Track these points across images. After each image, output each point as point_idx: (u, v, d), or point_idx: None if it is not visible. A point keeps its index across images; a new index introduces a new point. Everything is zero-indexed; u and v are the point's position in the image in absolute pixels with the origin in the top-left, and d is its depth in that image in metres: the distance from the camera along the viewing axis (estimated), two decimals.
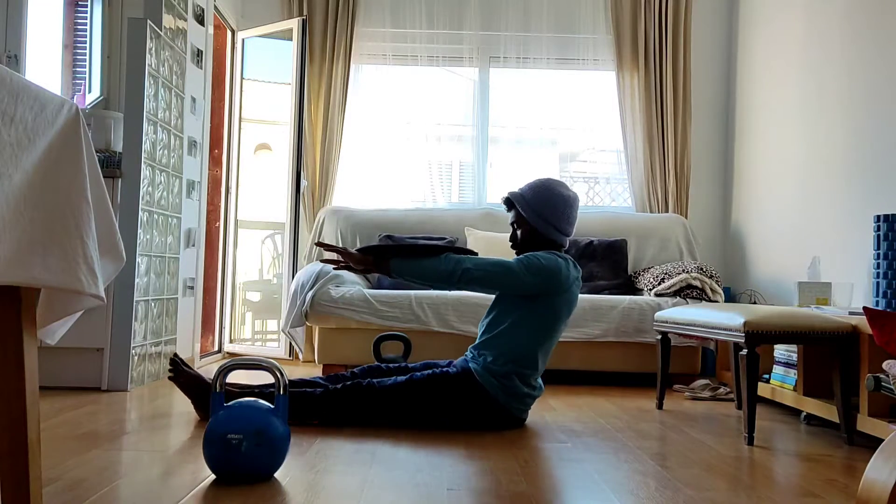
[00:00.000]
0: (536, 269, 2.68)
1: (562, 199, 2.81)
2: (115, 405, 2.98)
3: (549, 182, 2.85)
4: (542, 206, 2.80)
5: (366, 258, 2.69)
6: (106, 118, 3.56)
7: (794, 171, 4.05)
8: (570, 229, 2.85)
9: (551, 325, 2.75)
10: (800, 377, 2.99)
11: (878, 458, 1.26)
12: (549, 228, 2.80)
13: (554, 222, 2.80)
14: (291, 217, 4.58)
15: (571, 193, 2.85)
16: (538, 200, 2.80)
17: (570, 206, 2.83)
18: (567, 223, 2.83)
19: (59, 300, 1.43)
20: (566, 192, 2.84)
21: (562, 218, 2.81)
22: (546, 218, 2.80)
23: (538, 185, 2.85)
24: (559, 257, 2.75)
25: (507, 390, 2.69)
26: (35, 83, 1.30)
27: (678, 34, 4.89)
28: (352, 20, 4.88)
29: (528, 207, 2.81)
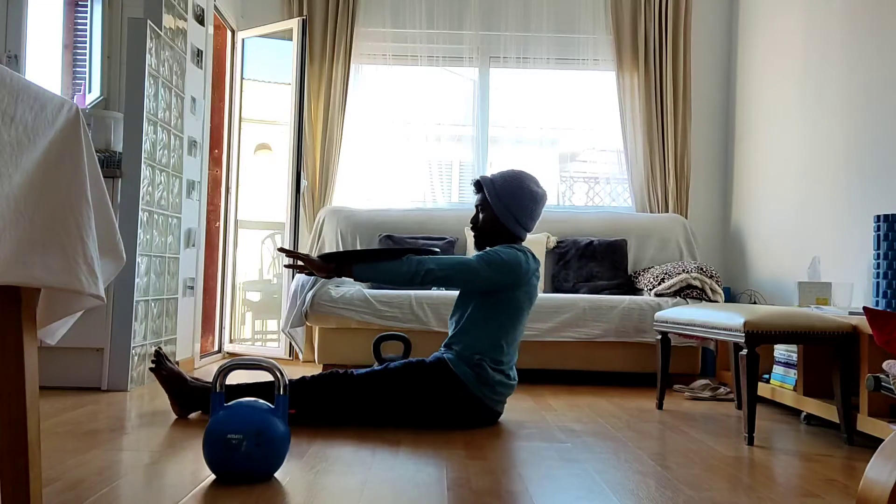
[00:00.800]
0: (497, 264, 2.72)
1: (530, 194, 2.84)
2: (115, 405, 2.98)
3: (521, 175, 2.88)
4: (509, 198, 2.83)
5: (327, 265, 2.70)
6: (106, 118, 3.56)
7: (794, 171, 4.05)
8: (531, 225, 2.89)
9: (515, 317, 2.79)
10: (800, 377, 2.99)
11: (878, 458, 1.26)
12: (510, 220, 2.84)
13: (517, 215, 2.84)
14: (291, 217, 4.58)
15: (541, 190, 2.89)
16: (507, 191, 2.84)
17: (536, 202, 2.86)
18: (530, 219, 2.87)
19: (59, 300, 1.43)
20: (536, 189, 2.87)
21: (525, 213, 2.85)
22: (510, 210, 2.83)
23: (511, 175, 2.88)
24: (518, 250, 2.79)
25: (480, 378, 2.71)
26: (35, 83, 1.30)
27: (678, 34, 4.89)
28: (352, 20, 4.88)
29: (495, 195, 2.85)
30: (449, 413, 2.72)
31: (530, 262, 2.81)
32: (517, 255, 2.76)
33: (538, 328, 3.90)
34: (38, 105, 1.29)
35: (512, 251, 2.77)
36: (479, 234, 2.91)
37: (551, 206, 5.06)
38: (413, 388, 2.70)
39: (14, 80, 1.23)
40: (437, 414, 2.72)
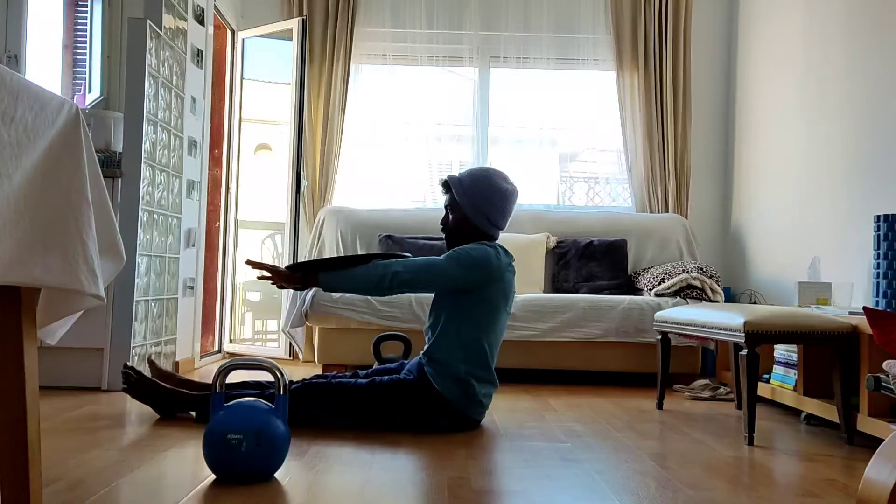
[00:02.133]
0: (466, 262, 2.63)
1: (499, 191, 2.75)
2: (115, 405, 2.97)
3: (489, 172, 2.80)
4: (478, 196, 2.75)
5: (294, 275, 2.62)
6: (106, 118, 3.56)
7: (794, 171, 4.05)
8: (503, 222, 2.80)
9: (492, 315, 2.70)
10: (800, 377, 2.99)
11: (878, 458, 1.26)
12: (481, 219, 2.76)
13: (487, 214, 2.75)
14: (291, 217, 4.58)
15: (510, 187, 2.79)
16: (474, 189, 2.75)
17: (506, 199, 2.77)
18: (501, 216, 2.77)
19: (59, 300, 1.43)
20: (504, 185, 2.78)
21: (496, 211, 2.75)
22: (480, 208, 2.75)
23: (478, 174, 2.79)
24: (488, 247, 2.70)
25: (467, 395, 2.66)
26: (35, 83, 1.30)
27: (678, 34, 4.89)
28: (352, 20, 4.88)
29: (463, 195, 2.76)
30: (431, 426, 2.67)
31: (501, 256, 2.71)
32: (486, 250, 2.67)
33: (538, 328, 3.90)
34: (38, 105, 1.29)
35: (481, 247, 2.68)
36: (450, 236, 2.82)
37: (551, 205, 5.07)
38: (397, 406, 2.64)
39: (14, 80, 1.23)
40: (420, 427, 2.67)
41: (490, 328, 2.70)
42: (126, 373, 2.73)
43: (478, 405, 2.71)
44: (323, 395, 2.65)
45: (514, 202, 2.81)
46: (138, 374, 2.74)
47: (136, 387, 2.73)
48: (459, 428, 2.70)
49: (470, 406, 2.68)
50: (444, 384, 2.65)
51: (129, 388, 2.73)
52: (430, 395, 2.64)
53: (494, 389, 2.78)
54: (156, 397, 2.74)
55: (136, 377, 2.73)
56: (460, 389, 2.65)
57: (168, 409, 2.74)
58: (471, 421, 2.71)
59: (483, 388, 2.70)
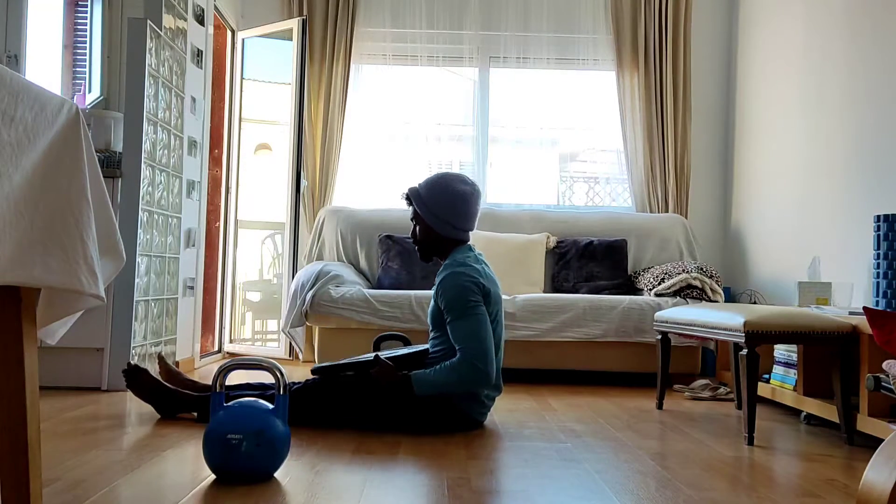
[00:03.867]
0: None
1: (458, 195, 2.73)
2: (115, 405, 2.97)
3: (445, 178, 2.77)
4: (437, 205, 2.73)
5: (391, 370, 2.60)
6: (106, 118, 3.56)
7: (794, 171, 4.05)
8: (468, 224, 2.77)
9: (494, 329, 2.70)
10: (800, 377, 2.99)
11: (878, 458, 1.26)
12: (446, 228, 2.74)
13: (451, 220, 2.73)
14: (291, 217, 4.58)
15: (468, 188, 2.76)
16: (433, 199, 2.74)
17: (466, 202, 2.74)
18: (465, 219, 2.75)
19: (59, 300, 1.43)
20: (461, 188, 2.75)
21: (458, 215, 2.73)
22: (442, 217, 2.73)
23: (433, 182, 2.77)
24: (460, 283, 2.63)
25: (470, 397, 2.67)
26: (35, 83, 1.30)
27: (678, 34, 4.89)
28: (352, 20, 4.88)
29: (423, 206, 2.75)
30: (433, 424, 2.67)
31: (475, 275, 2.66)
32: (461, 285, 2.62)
33: (538, 328, 3.90)
34: (38, 105, 1.29)
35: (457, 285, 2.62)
36: (421, 248, 2.82)
37: (551, 205, 5.07)
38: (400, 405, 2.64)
39: (14, 80, 1.23)
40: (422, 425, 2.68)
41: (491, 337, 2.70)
42: (130, 371, 2.73)
43: (480, 405, 2.71)
44: (325, 393, 2.65)
45: (475, 202, 2.78)
46: (143, 372, 2.74)
47: (139, 386, 2.73)
48: (461, 427, 2.70)
49: (472, 406, 2.69)
50: None
51: (132, 386, 2.73)
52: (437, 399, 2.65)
53: (498, 393, 2.78)
54: (158, 397, 2.74)
55: (140, 376, 2.73)
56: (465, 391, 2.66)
57: (169, 408, 2.74)
58: (473, 421, 2.72)
59: (486, 390, 2.70)
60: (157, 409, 2.77)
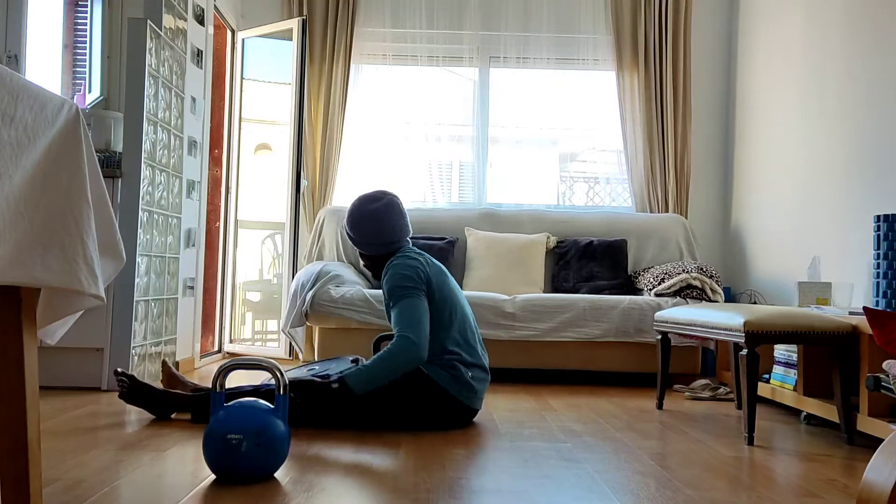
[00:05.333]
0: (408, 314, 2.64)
1: (372, 216, 2.80)
2: (115, 405, 2.97)
3: (358, 205, 2.84)
4: (362, 233, 2.82)
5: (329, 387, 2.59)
6: (106, 118, 3.56)
7: (794, 170, 4.05)
8: (400, 234, 2.83)
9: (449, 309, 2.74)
10: (800, 377, 2.99)
11: (878, 458, 1.26)
12: (380, 247, 2.83)
13: (380, 240, 2.81)
14: (291, 217, 4.58)
15: (379, 205, 2.81)
16: (355, 230, 2.83)
17: (381, 219, 2.80)
18: (392, 231, 2.82)
19: (59, 300, 1.43)
20: (373, 207, 2.81)
21: (384, 233, 2.81)
22: (372, 241, 2.82)
23: (350, 213, 2.84)
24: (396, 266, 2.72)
25: (455, 379, 2.68)
26: (35, 83, 1.30)
27: (678, 34, 4.89)
28: (352, 20, 4.88)
29: (352, 238, 2.85)
30: (427, 417, 2.69)
31: (413, 263, 2.74)
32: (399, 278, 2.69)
33: (538, 328, 3.90)
34: (38, 105, 1.29)
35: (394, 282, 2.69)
36: (372, 270, 2.91)
37: (551, 205, 5.07)
38: (390, 398, 2.65)
39: (14, 80, 1.23)
40: (416, 419, 2.69)
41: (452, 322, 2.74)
42: (120, 379, 2.73)
43: (468, 389, 2.71)
44: (316, 393, 2.65)
45: (394, 212, 2.83)
46: (131, 378, 2.74)
47: (129, 392, 2.74)
48: (456, 417, 2.71)
49: (461, 391, 2.69)
50: (433, 370, 2.67)
51: (123, 394, 2.74)
52: (423, 386, 2.65)
53: (485, 375, 2.79)
54: (150, 400, 2.74)
55: (130, 383, 2.73)
56: (449, 374, 2.68)
57: (162, 411, 2.74)
58: (465, 408, 2.72)
59: (470, 371, 2.72)
60: (150, 411, 2.76)
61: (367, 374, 2.58)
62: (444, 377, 2.68)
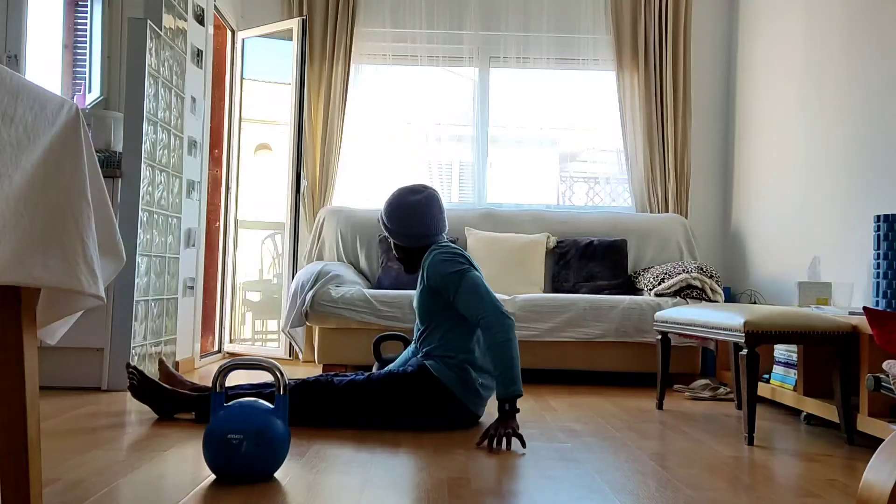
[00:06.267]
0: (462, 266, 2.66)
1: (414, 210, 2.77)
2: (115, 405, 2.97)
3: (398, 197, 2.81)
4: (400, 225, 2.78)
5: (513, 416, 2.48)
6: (106, 118, 3.56)
7: (794, 170, 4.05)
8: (437, 227, 2.81)
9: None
10: (800, 377, 2.99)
11: (878, 458, 1.26)
12: (418, 240, 2.80)
13: (418, 232, 2.78)
14: (291, 217, 4.58)
15: (421, 197, 2.79)
16: (394, 220, 2.79)
17: (424, 212, 2.78)
18: (431, 224, 2.79)
19: (59, 300, 1.43)
20: (414, 199, 2.79)
21: (422, 225, 2.78)
22: (408, 233, 2.79)
23: (390, 204, 2.81)
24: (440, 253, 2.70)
25: (464, 382, 2.68)
26: (35, 83, 1.30)
27: (678, 34, 4.89)
28: (352, 20, 4.88)
29: (388, 229, 2.82)
30: (432, 419, 2.69)
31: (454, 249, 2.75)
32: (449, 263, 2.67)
33: (538, 328, 3.90)
34: (38, 105, 1.29)
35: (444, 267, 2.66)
36: (405, 263, 2.88)
37: (551, 205, 5.07)
38: (397, 398, 2.66)
39: (14, 80, 1.23)
40: (420, 420, 2.69)
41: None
42: (130, 372, 2.73)
43: (475, 395, 2.71)
44: (320, 392, 2.66)
45: (434, 206, 2.81)
46: (141, 374, 2.74)
47: (138, 387, 2.74)
48: (459, 421, 2.71)
49: (468, 395, 2.69)
50: (441, 370, 2.67)
51: (132, 388, 2.74)
52: (429, 384, 2.66)
53: (492, 384, 2.77)
54: (156, 398, 2.74)
55: (140, 377, 2.73)
56: (457, 375, 2.67)
57: (167, 409, 2.75)
58: (469, 413, 2.72)
59: (480, 377, 2.72)
60: (154, 410, 2.77)
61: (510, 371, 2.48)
62: (453, 379, 2.67)
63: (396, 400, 2.66)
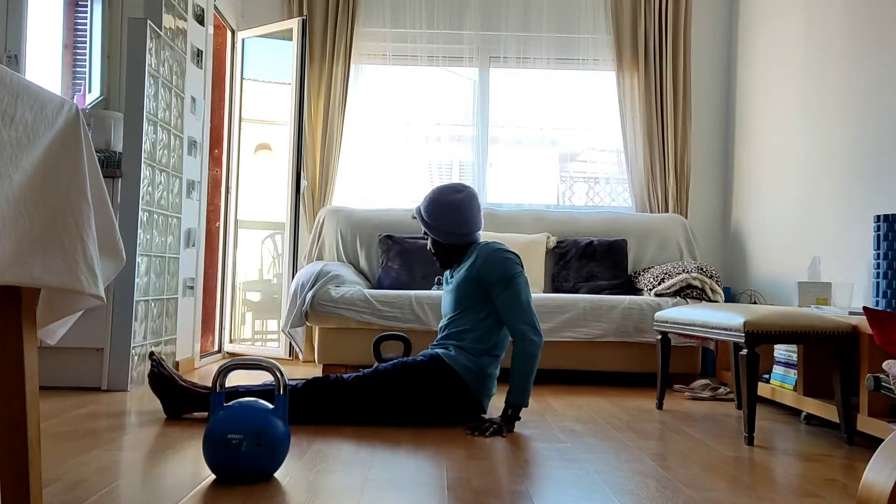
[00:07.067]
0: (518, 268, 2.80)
1: (454, 207, 2.86)
2: (115, 405, 2.98)
3: (440, 193, 2.90)
4: (440, 221, 2.87)
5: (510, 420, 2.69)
6: (106, 118, 3.56)
7: (794, 171, 4.05)
8: (474, 227, 2.91)
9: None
10: (800, 377, 2.99)
11: (878, 458, 1.26)
12: (455, 237, 2.89)
13: (456, 230, 2.88)
14: (291, 217, 4.58)
15: (462, 196, 2.89)
16: (435, 216, 2.88)
17: (464, 210, 2.87)
18: (469, 224, 2.89)
19: (59, 300, 1.43)
20: (456, 197, 2.88)
21: (462, 224, 2.87)
22: (447, 229, 2.88)
23: (431, 199, 2.90)
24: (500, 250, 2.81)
25: (478, 374, 2.75)
26: (35, 83, 1.30)
27: (678, 34, 4.89)
28: (352, 20, 4.88)
29: (428, 224, 2.91)
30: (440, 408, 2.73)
31: (514, 253, 2.86)
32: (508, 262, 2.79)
33: None
34: (38, 105, 1.29)
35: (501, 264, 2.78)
36: (440, 258, 2.96)
37: (551, 205, 5.07)
38: (407, 388, 2.70)
39: (14, 80, 1.23)
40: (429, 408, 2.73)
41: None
42: (154, 361, 2.73)
43: (486, 389, 2.79)
44: (329, 388, 2.69)
45: (473, 205, 2.90)
46: (161, 363, 2.75)
47: (157, 375, 2.73)
48: (466, 413, 2.77)
49: (480, 387, 2.77)
50: (457, 360, 2.75)
51: (152, 375, 2.73)
52: (441, 373, 2.72)
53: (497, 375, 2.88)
54: (169, 393, 2.73)
55: (160, 366, 2.74)
56: (473, 367, 2.75)
57: (177, 406, 2.74)
58: (477, 406, 2.78)
59: (491, 367, 2.80)
60: (166, 407, 2.75)
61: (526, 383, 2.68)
62: (468, 370, 2.75)
63: (407, 388, 2.70)
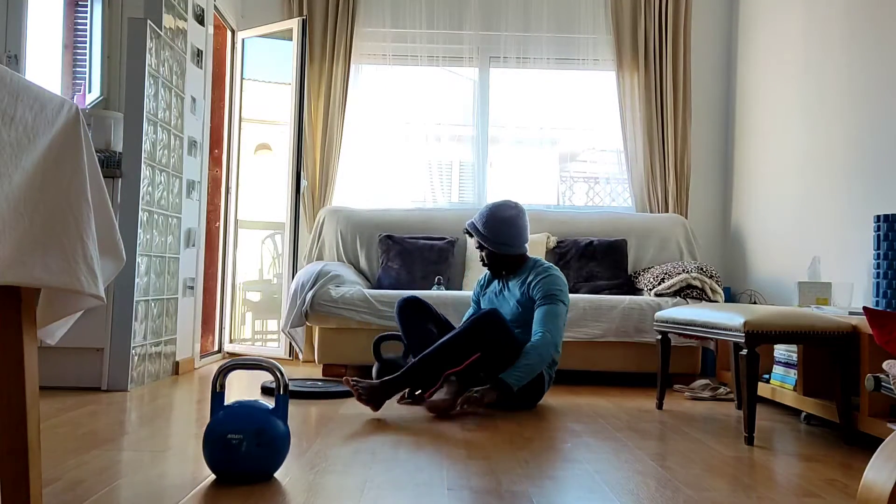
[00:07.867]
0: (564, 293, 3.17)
1: (509, 223, 3.21)
2: (115, 405, 2.98)
3: (496, 209, 3.23)
4: (497, 234, 3.21)
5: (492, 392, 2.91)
6: (106, 118, 3.56)
7: (794, 171, 4.05)
8: (524, 241, 3.26)
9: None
10: (800, 377, 2.99)
11: (878, 458, 1.26)
12: (505, 248, 3.23)
13: (509, 242, 3.22)
14: (291, 217, 4.58)
15: (515, 211, 3.23)
16: (492, 230, 3.21)
17: (517, 224, 3.22)
18: (520, 239, 3.24)
19: (59, 300, 1.43)
20: (510, 213, 3.22)
21: (515, 238, 3.23)
22: (502, 243, 3.22)
23: (488, 214, 3.23)
24: (560, 276, 3.19)
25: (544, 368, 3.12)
26: (35, 83, 1.30)
27: (678, 34, 4.89)
28: (352, 20, 4.88)
29: (483, 237, 3.22)
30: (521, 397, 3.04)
31: (566, 281, 3.24)
32: (562, 284, 3.17)
33: None
34: (38, 105, 1.29)
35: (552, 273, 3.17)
36: (493, 268, 3.29)
37: (551, 205, 5.07)
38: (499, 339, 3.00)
39: (14, 80, 1.23)
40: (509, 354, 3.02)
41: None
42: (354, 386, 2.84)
43: (550, 372, 3.16)
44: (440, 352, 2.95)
45: (524, 220, 3.26)
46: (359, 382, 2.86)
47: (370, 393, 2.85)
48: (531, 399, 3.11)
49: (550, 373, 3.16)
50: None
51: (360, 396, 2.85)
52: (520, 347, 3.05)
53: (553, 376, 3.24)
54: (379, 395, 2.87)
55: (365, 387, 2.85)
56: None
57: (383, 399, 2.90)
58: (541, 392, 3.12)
59: (550, 369, 3.19)
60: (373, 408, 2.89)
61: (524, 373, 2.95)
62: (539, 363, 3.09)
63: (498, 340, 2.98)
